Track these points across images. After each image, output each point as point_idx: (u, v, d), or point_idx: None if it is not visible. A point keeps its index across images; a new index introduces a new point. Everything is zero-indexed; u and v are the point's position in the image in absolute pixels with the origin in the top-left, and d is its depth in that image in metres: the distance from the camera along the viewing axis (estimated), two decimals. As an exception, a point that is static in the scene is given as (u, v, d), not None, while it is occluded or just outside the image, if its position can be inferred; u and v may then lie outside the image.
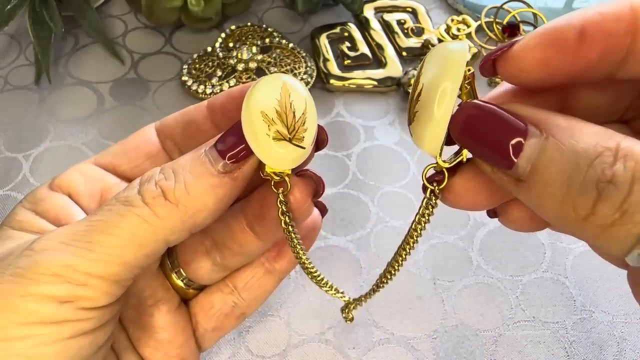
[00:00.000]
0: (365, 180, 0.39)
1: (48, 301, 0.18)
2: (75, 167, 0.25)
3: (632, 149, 0.15)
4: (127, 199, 0.20)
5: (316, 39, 0.48)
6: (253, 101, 0.20)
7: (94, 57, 0.47)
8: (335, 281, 0.28)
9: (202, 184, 0.20)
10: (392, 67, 0.46)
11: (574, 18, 0.17)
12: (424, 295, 0.34)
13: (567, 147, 0.15)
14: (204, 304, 0.27)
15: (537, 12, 0.48)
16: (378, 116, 0.44)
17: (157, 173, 0.21)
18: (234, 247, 0.25)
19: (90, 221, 0.20)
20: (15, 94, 0.45)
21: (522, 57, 0.17)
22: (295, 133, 0.20)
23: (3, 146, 0.41)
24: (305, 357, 0.32)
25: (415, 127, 0.19)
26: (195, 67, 0.46)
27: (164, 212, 0.20)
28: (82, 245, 0.19)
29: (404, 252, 0.22)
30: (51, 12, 0.44)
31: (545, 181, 0.16)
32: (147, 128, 0.25)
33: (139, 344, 0.25)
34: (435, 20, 0.51)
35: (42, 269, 0.18)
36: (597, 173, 0.15)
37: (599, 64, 0.17)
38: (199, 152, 0.21)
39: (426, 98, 0.19)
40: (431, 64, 0.19)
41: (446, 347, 0.32)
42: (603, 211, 0.15)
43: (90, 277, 0.19)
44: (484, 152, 0.17)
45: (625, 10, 0.16)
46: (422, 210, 0.21)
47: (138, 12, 0.51)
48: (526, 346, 0.32)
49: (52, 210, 0.23)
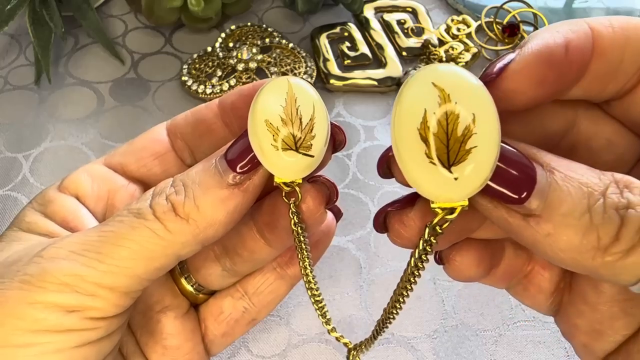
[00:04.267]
0: (365, 180, 0.39)
1: (55, 310, 0.18)
2: (84, 167, 0.25)
3: (629, 178, 0.16)
4: (139, 211, 0.20)
5: (316, 39, 0.48)
6: (257, 109, 0.19)
7: (94, 57, 0.47)
8: (335, 281, 0.28)
9: (211, 198, 0.19)
10: (392, 67, 0.46)
11: (556, 35, 0.17)
12: (424, 295, 0.34)
13: (575, 180, 0.16)
14: (213, 309, 0.26)
15: (537, 12, 0.48)
16: (378, 116, 0.44)
17: (169, 186, 0.20)
18: (244, 254, 0.24)
19: (101, 231, 0.19)
20: (15, 94, 0.45)
21: (521, 75, 0.17)
22: (303, 141, 0.19)
23: (3, 146, 0.41)
24: (305, 357, 0.32)
25: (466, 167, 0.16)
26: (195, 67, 0.46)
27: (175, 227, 0.19)
28: (93, 255, 0.19)
29: (402, 297, 0.21)
30: (51, 12, 0.44)
31: (565, 213, 0.16)
32: (157, 127, 0.25)
33: (147, 349, 0.25)
34: (435, 20, 0.51)
35: (51, 277, 0.18)
36: (614, 201, 0.16)
37: (575, 81, 0.18)
38: (209, 162, 0.20)
39: (484, 134, 0.16)
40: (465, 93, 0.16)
41: (446, 347, 0.32)
42: (627, 235, 0.15)
43: (99, 288, 0.19)
44: (492, 189, 0.16)
45: (587, 30, 0.17)
46: (416, 262, 0.19)
47: (138, 12, 0.51)
48: (526, 346, 0.32)
49: (60, 212, 0.23)
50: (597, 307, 0.20)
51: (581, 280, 0.21)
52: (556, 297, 0.22)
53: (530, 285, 0.23)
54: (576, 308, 0.21)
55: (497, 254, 0.22)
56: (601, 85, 0.18)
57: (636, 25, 0.17)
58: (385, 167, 0.19)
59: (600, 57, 0.17)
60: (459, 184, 0.16)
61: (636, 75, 0.18)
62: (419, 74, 0.16)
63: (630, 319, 0.20)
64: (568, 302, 0.22)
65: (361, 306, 0.34)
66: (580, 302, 0.21)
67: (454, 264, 0.21)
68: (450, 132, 0.16)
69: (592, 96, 0.19)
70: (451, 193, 0.16)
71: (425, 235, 0.18)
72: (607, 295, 0.20)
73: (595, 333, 0.21)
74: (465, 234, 0.20)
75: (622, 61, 0.17)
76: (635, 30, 0.17)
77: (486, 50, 0.47)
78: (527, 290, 0.23)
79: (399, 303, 0.21)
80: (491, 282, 0.22)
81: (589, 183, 0.16)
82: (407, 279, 0.20)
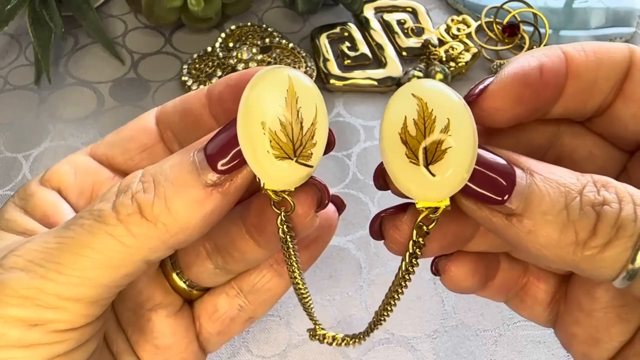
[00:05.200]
0: (365, 180, 0.39)
1: (17, 324, 0.17)
2: (67, 158, 0.23)
3: (607, 179, 0.17)
4: (100, 214, 0.18)
5: (316, 39, 0.48)
6: (251, 105, 0.17)
7: (94, 57, 0.48)
8: (335, 281, 0.28)
9: (185, 200, 0.17)
10: (392, 67, 0.46)
11: (530, 59, 0.19)
12: (424, 295, 0.34)
13: (554, 181, 0.17)
14: (208, 307, 0.25)
15: (537, 12, 0.48)
16: (378, 116, 0.44)
17: (136, 182, 0.18)
18: (235, 254, 0.22)
19: (60, 237, 0.18)
20: (15, 94, 0.45)
21: (500, 94, 0.18)
22: (302, 149, 0.17)
23: (3, 146, 0.41)
24: (305, 357, 0.32)
25: (444, 167, 0.17)
26: (195, 67, 0.46)
27: (141, 231, 0.17)
28: (52, 266, 0.17)
29: (393, 300, 0.21)
30: (51, 12, 0.44)
31: (544, 211, 0.17)
32: (146, 115, 0.23)
33: (138, 348, 0.24)
34: (435, 20, 0.51)
35: (9, 291, 0.17)
36: (590, 199, 0.17)
37: (553, 100, 0.19)
38: (187, 154, 0.18)
39: (459, 137, 0.17)
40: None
41: (446, 347, 0.32)
42: (603, 230, 0.16)
43: (61, 300, 0.17)
44: (473, 190, 0.18)
45: (560, 54, 0.19)
46: (407, 266, 0.19)
47: (138, 12, 0.51)
48: (526, 346, 0.32)
49: (40, 207, 0.21)
50: (592, 314, 0.21)
51: (575, 287, 0.22)
52: (553, 307, 0.23)
53: (526, 297, 0.23)
54: (572, 316, 0.22)
55: (492, 266, 0.22)
56: (579, 104, 0.19)
57: (607, 48, 0.19)
58: (381, 179, 0.20)
59: (575, 78, 0.19)
60: (439, 183, 0.17)
61: (611, 93, 0.19)
62: (402, 88, 0.18)
63: (626, 325, 0.21)
64: (565, 312, 0.22)
65: (361, 306, 0.34)
66: (576, 310, 0.22)
67: (449, 274, 0.21)
68: (428, 133, 0.17)
69: (573, 114, 0.20)
70: (432, 192, 0.17)
71: (413, 236, 0.19)
72: (602, 301, 0.21)
73: (593, 341, 0.21)
74: (459, 241, 0.21)
75: (596, 81, 0.19)
76: (606, 52, 0.19)
77: (486, 50, 0.48)
78: (524, 302, 0.23)
79: (390, 306, 0.21)
80: (488, 294, 0.23)
81: (566, 183, 0.17)
82: (398, 282, 0.20)
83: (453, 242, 0.21)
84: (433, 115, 0.17)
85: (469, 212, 0.18)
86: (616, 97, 0.19)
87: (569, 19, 0.50)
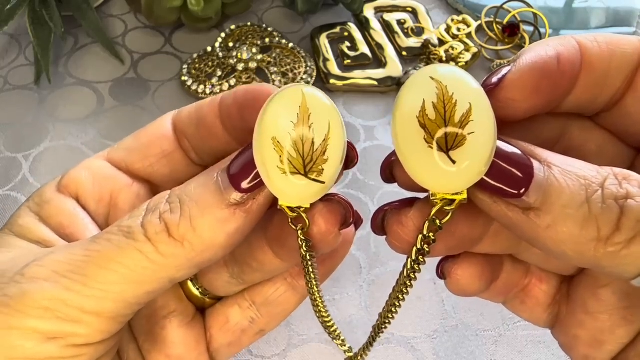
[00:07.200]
0: (365, 180, 0.39)
1: (35, 336, 0.17)
2: (84, 163, 0.23)
3: (628, 172, 0.16)
4: (129, 230, 0.18)
5: (316, 39, 0.48)
6: (266, 122, 0.17)
7: (94, 57, 0.47)
8: (335, 281, 0.28)
9: (210, 219, 0.18)
10: (392, 67, 0.46)
11: (547, 48, 0.18)
12: (424, 295, 0.34)
13: (573, 174, 0.16)
14: (220, 317, 0.25)
15: (537, 12, 0.48)
16: (378, 116, 0.44)
17: (164, 202, 0.19)
18: (254, 264, 0.22)
19: (88, 250, 0.18)
20: (15, 94, 0.45)
21: (518, 84, 0.18)
22: (313, 165, 0.17)
23: (3, 146, 0.41)
24: (305, 357, 0.32)
25: (464, 155, 0.16)
26: (195, 67, 0.46)
27: (168, 250, 0.18)
28: (77, 278, 0.17)
29: (398, 301, 0.20)
30: (51, 12, 0.44)
31: (564, 204, 0.16)
32: (163, 120, 0.23)
33: (149, 356, 0.24)
34: (435, 20, 0.51)
35: (30, 301, 0.17)
36: (613, 192, 0.16)
37: (567, 91, 0.19)
38: (210, 175, 0.19)
39: (481, 123, 0.16)
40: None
41: (446, 347, 0.32)
42: (628, 225, 0.15)
43: (83, 314, 0.17)
44: (489, 183, 0.17)
45: (575, 44, 0.18)
46: (412, 264, 0.19)
47: (138, 12, 0.51)
48: (526, 346, 0.32)
49: (56, 216, 0.21)
50: (598, 317, 0.20)
51: (581, 289, 0.21)
52: (553, 309, 0.22)
53: (527, 299, 0.23)
54: (576, 319, 0.21)
55: (497, 268, 0.22)
56: (591, 97, 0.19)
57: (619, 41, 0.18)
58: (388, 171, 0.19)
59: (589, 69, 0.18)
60: (458, 172, 0.16)
61: (622, 86, 0.19)
62: (419, 71, 0.17)
63: (630, 327, 0.20)
64: (567, 313, 0.22)
65: (361, 306, 0.34)
66: (580, 312, 0.21)
67: (455, 278, 0.21)
68: (448, 118, 0.16)
69: (583, 108, 0.20)
70: (449, 182, 0.16)
71: (424, 231, 0.18)
72: (608, 303, 0.20)
73: (597, 343, 0.21)
74: (467, 242, 0.20)
75: (608, 73, 0.18)
76: (618, 44, 0.18)
77: (486, 50, 0.47)
78: (525, 303, 0.23)
79: (395, 307, 0.20)
80: (489, 296, 0.23)
81: (586, 176, 0.16)
82: (403, 282, 0.19)
83: (460, 243, 0.20)
84: (454, 99, 0.16)
85: (484, 206, 0.17)
86: (627, 91, 0.19)
87: (569, 19, 0.50)
